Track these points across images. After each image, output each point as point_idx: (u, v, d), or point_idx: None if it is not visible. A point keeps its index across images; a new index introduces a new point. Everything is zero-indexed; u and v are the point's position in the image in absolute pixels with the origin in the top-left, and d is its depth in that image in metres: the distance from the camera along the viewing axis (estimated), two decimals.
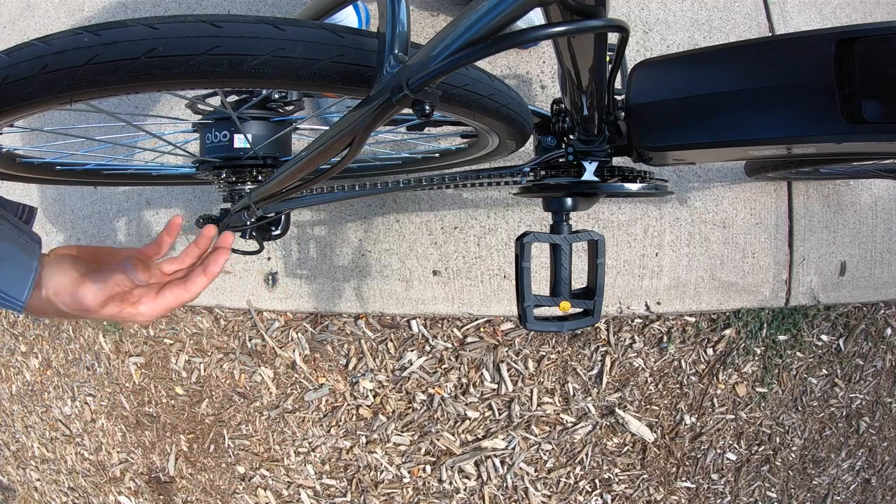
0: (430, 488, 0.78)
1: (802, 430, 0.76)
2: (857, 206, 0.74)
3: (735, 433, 0.76)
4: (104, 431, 0.89)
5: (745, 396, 0.75)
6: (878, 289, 0.76)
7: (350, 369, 0.79)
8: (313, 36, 0.26)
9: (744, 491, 0.77)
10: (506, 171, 0.46)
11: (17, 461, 0.97)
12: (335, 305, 0.78)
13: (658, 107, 0.38)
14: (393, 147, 0.70)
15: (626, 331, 0.74)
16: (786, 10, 0.74)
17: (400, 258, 0.76)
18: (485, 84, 0.33)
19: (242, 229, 0.52)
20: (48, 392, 0.92)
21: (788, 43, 0.33)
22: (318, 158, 0.30)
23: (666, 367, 0.75)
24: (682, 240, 0.73)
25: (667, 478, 0.76)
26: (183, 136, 0.51)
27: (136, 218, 0.84)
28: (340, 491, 0.80)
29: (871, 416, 0.78)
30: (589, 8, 0.24)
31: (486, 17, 0.22)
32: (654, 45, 0.73)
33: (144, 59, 0.24)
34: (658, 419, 0.75)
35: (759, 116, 0.34)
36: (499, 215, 0.74)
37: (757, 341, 0.74)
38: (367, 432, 0.78)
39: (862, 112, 0.31)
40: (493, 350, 0.75)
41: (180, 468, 0.86)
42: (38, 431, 0.94)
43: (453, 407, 0.76)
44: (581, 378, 0.75)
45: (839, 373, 0.76)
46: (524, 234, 0.42)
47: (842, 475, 0.78)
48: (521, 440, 0.76)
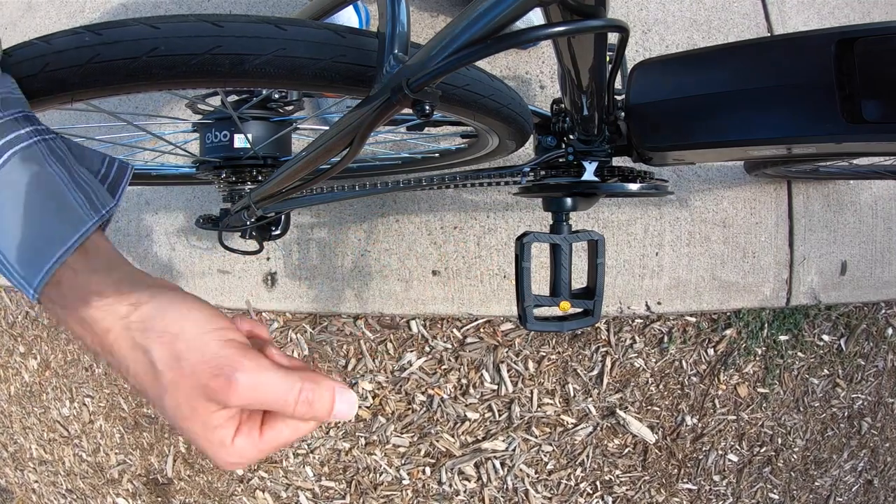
0: (430, 490, 0.78)
1: (804, 431, 0.76)
2: (858, 205, 0.74)
3: (737, 434, 0.75)
4: (102, 433, 0.89)
5: (747, 397, 0.75)
6: (879, 288, 0.75)
7: (349, 370, 0.78)
8: (315, 36, 0.26)
9: (746, 492, 0.76)
10: (506, 171, 0.46)
11: (14, 463, 0.96)
12: (334, 306, 0.78)
13: (658, 107, 0.38)
14: (393, 147, 0.70)
15: (627, 331, 0.74)
16: (784, 10, 0.74)
17: (399, 258, 0.76)
18: (485, 84, 0.33)
19: (242, 229, 0.52)
20: (46, 393, 0.92)
21: (788, 43, 0.33)
22: (318, 158, 0.30)
23: (667, 367, 0.75)
24: (682, 239, 0.73)
25: (668, 479, 0.76)
26: (183, 135, 0.51)
27: (135, 218, 0.84)
28: (339, 493, 0.80)
29: (873, 417, 0.77)
30: (589, 8, 0.24)
31: (485, 17, 0.22)
32: (653, 46, 0.73)
33: (145, 58, 0.24)
34: (659, 420, 0.75)
35: (759, 116, 0.34)
36: (499, 215, 0.74)
37: (758, 341, 0.74)
38: (367, 434, 0.78)
39: (862, 112, 0.31)
40: (493, 351, 0.75)
41: (178, 470, 0.86)
42: (37, 433, 0.93)
43: (453, 408, 0.76)
44: (581, 379, 0.75)
45: (841, 373, 0.76)
46: (524, 234, 0.42)
47: (844, 476, 0.78)
48: (521, 441, 0.75)
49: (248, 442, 0.16)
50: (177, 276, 0.83)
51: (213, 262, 0.81)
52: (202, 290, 0.82)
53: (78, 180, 0.18)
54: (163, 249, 0.83)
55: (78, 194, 0.18)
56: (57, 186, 0.17)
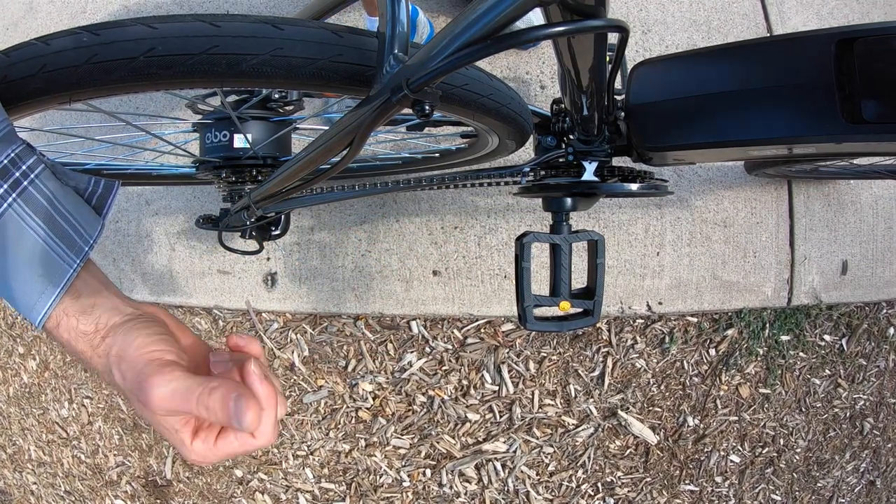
0: (431, 492, 0.77)
1: (806, 432, 0.76)
2: (858, 205, 0.74)
3: (738, 435, 0.75)
4: (101, 434, 0.88)
5: (749, 397, 0.74)
6: (881, 288, 0.75)
7: (349, 371, 0.78)
8: (312, 35, 0.26)
9: (748, 494, 0.76)
10: (506, 171, 0.46)
11: (13, 464, 0.96)
12: (334, 306, 0.78)
13: (658, 107, 0.38)
14: (393, 147, 0.70)
15: (628, 331, 0.74)
16: (783, 10, 0.74)
17: (400, 258, 0.76)
18: (484, 84, 0.33)
19: (242, 229, 0.52)
20: (45, 394, 0.92)
21: (788, 43, 0.33)
22: (318, 158, 0.30)
23: (668, 367, 0.74)
24: (683, 239, 0.73)
25: (670, 480, 0.76)
26: (183, 136, 0.51)
27: (135, 218, 0.84)
28: (339, 495, 0.80)
29: (875, 417, 0.77)
30: (589, 8, 0.24)
31: (485, 17, 0.22)
32: (653, 46, 0.73)
33: (143, 58, 0.24)
34: (661, 421, 0.75)
35: (759, 116, 0.34)
36: (499, 215, 0.74)
37: (759, 341, 0.74)
38: (367, 435, 0.78)
39: (862, 112, 0.31)
40: (494, 351, 0.75)
41: (177, 472, 0.85)
42: (35, 434, 0.93)
43: (454, 409, 0.76)
44: (583, 379, 0.75)
45: (842, 373, 0.76)
46: (524, 234, 0.42)
47: (846, 477, 0.77)
48: (522, 443, 0.75)
49: (204, 446, 0.20)
50: (177, 277, 0.83)
51: (214, 263, 0.81)
52: (202, 290, 0.81)
53: (59, 223, 0.20)
54: (163, 250, 0.83)
55: (58, 244, 0.20)
56: (36, 246, 0.19)
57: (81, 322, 0.20)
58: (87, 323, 0.20)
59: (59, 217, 0.20)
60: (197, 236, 0.82)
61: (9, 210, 0.19)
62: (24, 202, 0.19)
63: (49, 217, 0.20)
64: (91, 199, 0.22)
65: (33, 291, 0.19)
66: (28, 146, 0.20)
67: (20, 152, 0.20)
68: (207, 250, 0.82)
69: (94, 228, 0.21)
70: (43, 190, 0.20)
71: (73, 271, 0.20)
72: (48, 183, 0.20)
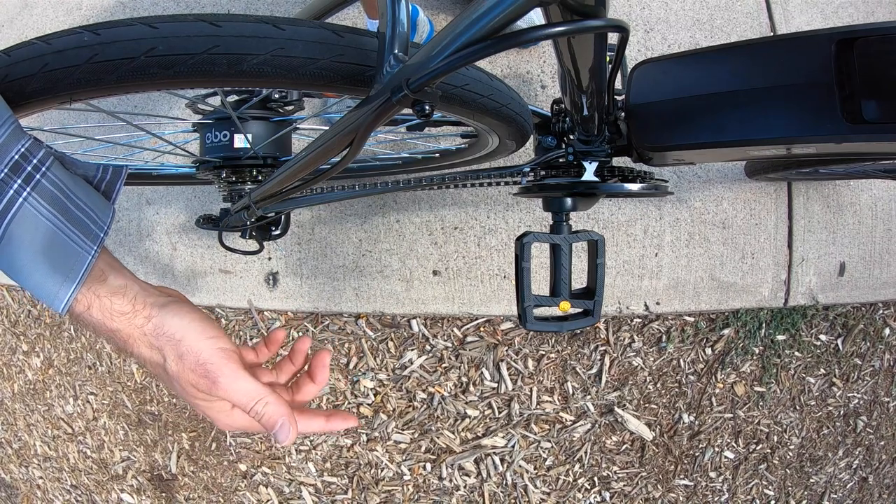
0: (431, 486, 0.78)
1: (800, 429, 0.77)
2: (857, 206, 0.74)
3: (733, 432, 0.76)
4: (106, 430, 0.89)
5: (744, 395, 0.75)
6: (877, 289, 0.76)
7: (351, 368, 0.79)
8: (313, 35, 0.26)
9: (741, 489, 0.77)
10: (506, 171, 0.46)
11: (19, 459, 0.97)
12: (336, 305, 0.78)
13: (658, 107, 0.38)
14: (393, 147, 0.70)
15: (626, 330, 0.75)
16: (788, 9, 0.73)
17: (400, 258, 0.76)
18: (484, 84, 0.33)
19: (242, 229, 0.52)
20: (50, 391, 0.93)
21: (788, 43, 0.33)
22: (318, 158, 0.30)
23: (665, 366, 0.75)
24: (681, 240, 0.73)
25: (665, 476, 0.77)
26: (183, 135, 0.51)
27: (136, 218, 0.84)
28: (341, 488, 0.81)
29: (868, 416, 0.78)
30: (589, 8, 0.24)
31: (486, 17, 0.22)
32: (656, 45, 0.73)
33: (144, 58, 0.24)
34: (657, 418, 0.76)
35: (759, 116, 0.34)
36: (499, 215, 0.74)
37: (756, 341, 0.75)
38: (368, 430, 0.79)
39: (862, 112, 0.31)
40: (493, 349, 0.75)
41: (182, 466, 0.86)
42: (41, 430, 0.94)
43: (453, 405, 0.76)
44: (580, 377, 0.75)
45: (837, 372, 0.76)
46: (524, 235, 0.42)
47: (839, 473, 0.78)
48: (520, 438, 0.76)
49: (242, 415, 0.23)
50: (178, 276, 0.83)
51: (215, 262, 0.81)
52: (204, 289, 0.82)
53: (73, 212, 0.21)
54: (164, 249, 0.83)
55: (75, 232, 0.21)
56: (53, 236, 0.20)
57: (116, 303, 0.21)
58: (124, 303, 0.21)
59: (72, 206, 0.21)
60: (198, 236, 0.82)
61: (24, 204, 0.19)
62: (39, 195, 0.20)
63: (63, 207, 0.20)
64: (100, 186, 0.23)
65: (55, 281, 0.20)
66: (36, 140, 0.21)
67: (30, 146, 0.20)
68: (209, 250, 0.82)
69: (107, 214, 0.22)
70: (55, 181, 0.20)
71: (91, 258, 0.21)
72: (59, 174, 0.21)
